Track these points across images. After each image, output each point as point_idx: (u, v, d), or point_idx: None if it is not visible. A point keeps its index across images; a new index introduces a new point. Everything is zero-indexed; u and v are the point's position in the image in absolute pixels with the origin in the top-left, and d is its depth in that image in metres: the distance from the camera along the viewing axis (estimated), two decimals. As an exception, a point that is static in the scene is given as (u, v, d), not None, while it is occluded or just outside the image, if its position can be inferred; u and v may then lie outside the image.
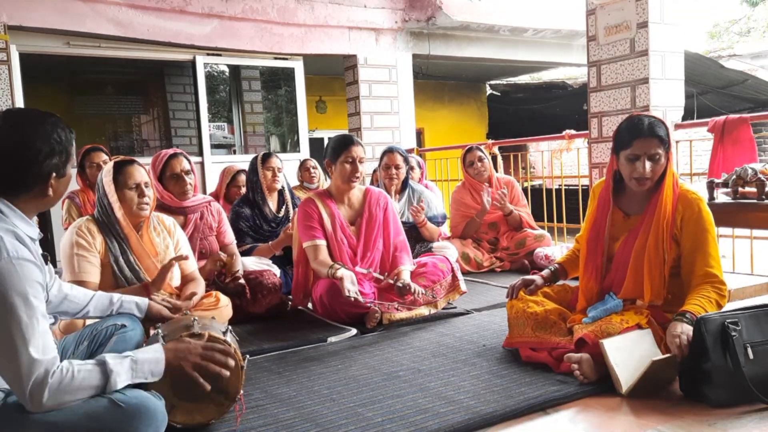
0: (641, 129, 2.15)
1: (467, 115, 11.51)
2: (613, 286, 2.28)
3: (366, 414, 1.87)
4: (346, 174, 3.03)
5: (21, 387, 1.42)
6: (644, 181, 2.17)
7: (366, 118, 6.67)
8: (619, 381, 1.94)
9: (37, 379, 1.42)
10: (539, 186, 8.53)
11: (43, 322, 1.47)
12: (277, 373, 2.31)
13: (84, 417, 1.47)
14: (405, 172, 3.92)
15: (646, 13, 4.01)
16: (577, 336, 2.12)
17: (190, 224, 3.14)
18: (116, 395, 1.51)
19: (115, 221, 2.45)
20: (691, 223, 2.16)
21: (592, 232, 2.35)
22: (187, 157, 3.15)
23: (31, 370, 1.41)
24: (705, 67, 8.07)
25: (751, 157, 3.58)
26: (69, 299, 1.93)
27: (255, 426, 1.82)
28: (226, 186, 4.30)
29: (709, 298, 2.06)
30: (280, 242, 3.58)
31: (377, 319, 2.88)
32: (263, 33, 6.00)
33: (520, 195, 4.51)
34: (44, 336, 1.46)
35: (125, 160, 2.52)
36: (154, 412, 1.54)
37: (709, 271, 2.12)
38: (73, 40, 5.26)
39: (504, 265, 4.29)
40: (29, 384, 1.41)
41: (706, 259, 2.13)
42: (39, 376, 1.42)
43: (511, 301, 2.44)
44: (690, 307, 2.03)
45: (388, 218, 3.16)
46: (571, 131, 4.94)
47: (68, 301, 1.93)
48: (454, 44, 7.18)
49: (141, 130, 8.71)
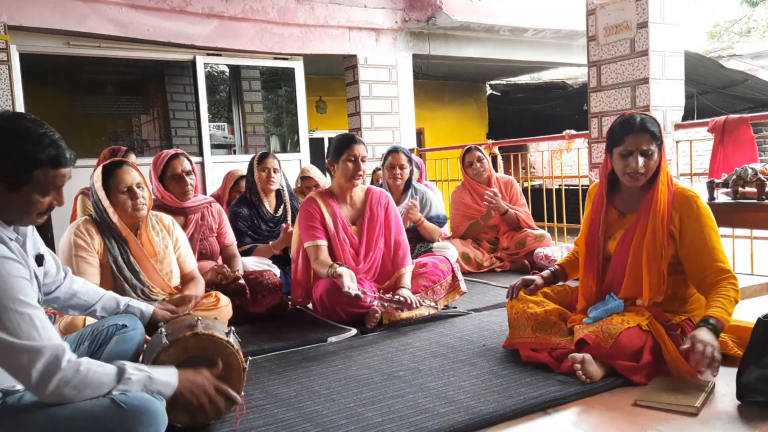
0: (633, 125, 2.17)
1: (467, 115, 11.51)
2: (613, 286, 2.28)
3: (366, 414, 1.87)
4: (348, 172, 3.03)
5: (27, 376, 1.43)
6: (637, 177, 2.18)
7: (366, 118, 6.67)
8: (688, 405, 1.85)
9: (45, 365, 1.42)
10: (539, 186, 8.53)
11: (36, 312, 1.46)
12: (277, 373, 2.31)
13: (85, 417, 1.48)
14: (409, 172, 3.93)
15: (646, 13, 4.01)
16: (578, 336, 2.12)
17: (190, 225, 3.14)
18: (118, 396, 1.51)
19: (112, 225, 2.45)
20: (692, 221, 2.15)
21: (589, 232, 2.36)
22: (188, 157, 3.15)
23: (34, 358, 1.42)
24: (705, 67, 8.07)
25: (751, 157, 3.58)
26: (78, 296, 1.97)
27: (255, 426, 1.82)
28: (229, 190, 4.29)
29: (728, 298, 2.04)
30: (280, 242, 3.58)
31: (377, 319, 2.88)
32: (263, 33, 6.00)
33: (519, 194, 4.51)
34: (42, 323, 1.46)
35: (114, 163, 2.50)
36: (155, 414, 1.54)
37: (722, 266, 2.11)
38: (73, 40, 5.26)
39: (504, 265, 4.29)
40: (35, 371, 1.42)
41: (715, 254, 2.12)
42: (47, 362, 1.43)
43: (511, 301, 2.45)
44: (713, 311, 2.00)
45: (389, 218, 3.16)
46: (571, 131, 4.94)
47: (77, 297, 1.96)
48: (454, 44, 7.18)
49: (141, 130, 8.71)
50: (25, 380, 1.44)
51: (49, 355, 1.44)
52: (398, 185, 3.92)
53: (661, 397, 1.89)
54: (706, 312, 2.03)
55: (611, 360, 2.06)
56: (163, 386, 1.60)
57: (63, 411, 1.47)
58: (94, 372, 1.49)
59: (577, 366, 2.06)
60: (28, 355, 1.42)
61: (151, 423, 1.52)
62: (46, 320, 1.48)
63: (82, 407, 1.48)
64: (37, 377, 1.42)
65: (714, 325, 1.96)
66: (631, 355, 2.05)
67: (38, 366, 1.42)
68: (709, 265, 2.12)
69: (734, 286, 2.08)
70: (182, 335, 1.79)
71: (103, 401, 1.50)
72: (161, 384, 1.60)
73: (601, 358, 2.07)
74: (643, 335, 2.06)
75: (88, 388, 1.48)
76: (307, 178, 4.84)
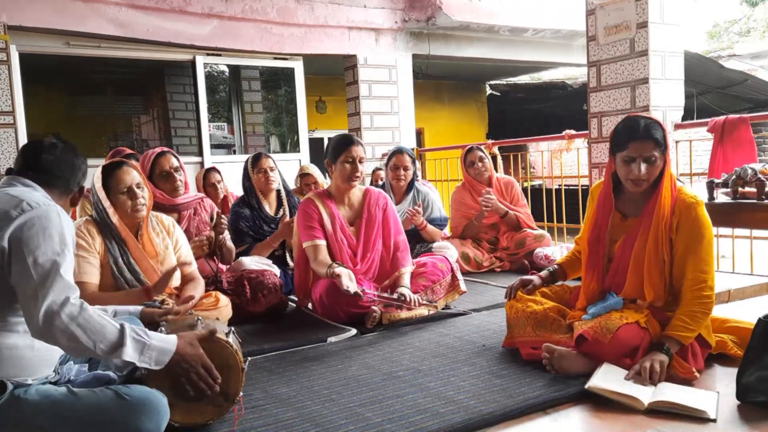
0: (637, 131, 2.14)
1: (467, 115, 11.51)
2: (613, 287, 2.28)
3: (366, 414, 1.87)
4: (346, 174, 3.02)
5: (38, 303, 1.49)
6: (640, 183, 2.16)
7: (366, 118, 6.67)
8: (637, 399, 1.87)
9: (58, 301, 1.50)
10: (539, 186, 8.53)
11: (72, 260, 1.61)
12: (277, 374, 2.31)
13: (89, 407, 1.54)
14: (412, 173, 3.94)
15: (646, 13, 4.01)
16: (577, 333, 2.13)
17: (183, 221, 3.15)
18: (121, 388, 1.58)
19: (112, 226, 2.45)
20: (687, 227, 2.14)
21: (593, 233, 2.34)
22: (174, 154, 3.16)
23: (57, 289, 1.51)
24: (705, 68, 8.08)
25: (751, 157, 3.58)
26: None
27: (255, 426, 1.82)
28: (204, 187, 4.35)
29: (693, 314, 2.08)
30: (278, 235, 3.57)
31: (377, 319, 2.88)
32: (263, 33, 6.00)
33: (519, 195, 4.50)
34: (71, 270, 1.60)
35: (114, 163, 2.51)
36: (157, 406, 1.58)
37: (699, 276, 2.11)
38: (73, 40, 5.26)
39: (504, 265, 4.29)
40: (48, 301, 1.49)
41: (698, 264, 2.12)
42: (62, 299, 1.51)
43: (510, 301, 2.45)
44: (671, 332, 2.07)
45: (387, 218, 3.16)
46: (571, 131, 4.94)
47: None
48: (454, 44, 7.18)
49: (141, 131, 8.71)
50: (34, 305, 1.50)
51: (68, 296, 1.53)
52: (401, 186, 3.93)
53: (614, 386, 1.91)
54: (666, 331, 2.09)
55: (607, 356, 2.05)
56: (161, 352, 1.63)
57: (68, 402, 1.53)
58: (99, 316, 1.55)
59: (545, 355, 2.10)
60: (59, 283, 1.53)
61: (153, 415, 1.57)
62: (72, 272, 1.61)
63: (86, 398, 1.55)
64: (48, 307, 1.49)
65: (667, 350, 2.04)
66: (628, 352, 2.05)
67: (57, 297, 1.51)
68: (688, 274, 2.13)
69: (706, 298, 2.10)
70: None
71: (107, 392, 1.56)
72: (159, 350, 1.62)
73: (595, 355, 2.07)
74: (641, 332, 2.07)
75: (93, 333, 1.52)
76: (306, 175, 4.85)
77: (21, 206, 1.58)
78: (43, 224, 1.57)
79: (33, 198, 1.63)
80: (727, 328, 2.32)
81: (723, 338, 2.25)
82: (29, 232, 1.55)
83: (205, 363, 1.70)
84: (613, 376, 1.98)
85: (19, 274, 1.52)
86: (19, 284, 1.53)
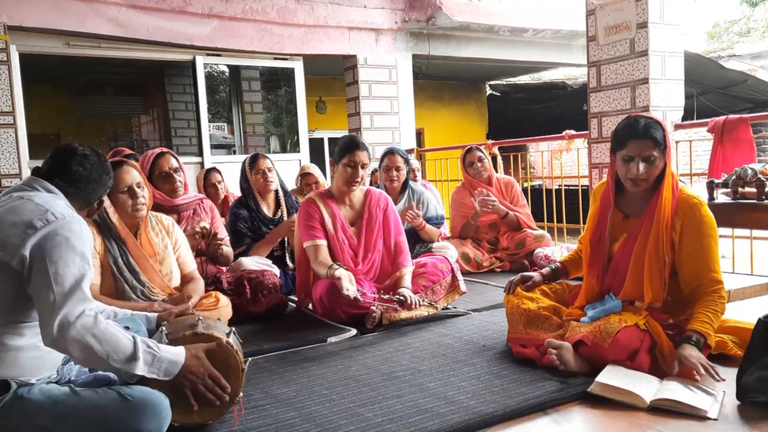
0: (636, 130, 2.14)
1: (467, 116, 11.51)
2: (613, 287, 2.28)
3: (366, 414, 1.87)
4: (345, 177, 3.03)
5: (54, 313, 1.51)
6: (639, 182, 2.16)
7: (366, 118, 6.67)
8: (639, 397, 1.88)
9: (74, 312, 1.52)
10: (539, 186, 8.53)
11: (92, 272, 1.63)
12: (277, 374, 2.31)
13: (91, 407, 1.55)
14: (405, 173, 3.93)
15: (645, 13, 4.01)
16: (575, 337, 2.12)
17: (183, 221, 3.15)
18: (123, 389, 1.59)
19: (112, 225, 2.45)
20: (693, 228, 2.14)
21: (594, 233, 2.34)
22: (174, 155, 3.15)
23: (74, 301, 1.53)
24: (705, 68, 8.08)
25: (750, 157, 3.58)
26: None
27: (255, 426, 1.82)
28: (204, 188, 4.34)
29: (715, 313, 2.07)
30: (276, 233, 3.57)
31: (377, 319, 2.88)
32: (263, 33, 6.00)
33: (519, 195, 4.51)
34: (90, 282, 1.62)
35: (114, 162, 2.49)
36: (160, 407, 1.59)
37: (715, 277, 2.12)
38: (73, 41, 5.26)
39: (504, 265, 4.29)
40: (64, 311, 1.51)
41: (711, 264, 2.13)
42: (79, 310, 1.53)
43: (508, 296, 2.45)
44: (698, 326, 2.04)
45: (388, 219, 3.16)
46: (571, 131, 4.94)
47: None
48: (453, 44, 7.18)
49: (141, 131, 8.72)
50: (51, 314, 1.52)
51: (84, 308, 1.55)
52: (395, 187, 3.91)
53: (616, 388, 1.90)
54: (691, 325, 2.06)
55: (607, 360, 2.05)
56: (170, 364, 1.65)
57: (70, 402, 1.54)
58: (114, 328, 1.58)
59: (552, 351, 2.09)
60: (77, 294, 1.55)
61: (155, 416, 1.58)
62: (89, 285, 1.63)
63: (89, 398, 1.56)
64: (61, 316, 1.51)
65: (696, 341, 2.00)
66: (629, 355, 2.05)
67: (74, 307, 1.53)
68: (703, 275, 2.13)
69: (723, 299, 2.10)
70: (182, 335, 1.80)
71: (110, 393, 1.57)
72: (168, 362, 1.64)
73: (595, 359, 2.07)
74: (640, 334, 2.06)
75: (107, 344, 1.54)
76: (307, 175, 4.85)
77: (46, 216, 1.59)
78: (66, 236, 1.58)
79: (57, 208, 1.64)
80: (727, 328, 2.31)
81: (723, 338, 2.24)
82: (52, 242, 1.56)
83: (213, 374, 1.72)
84: (618, 375, 1.97)
85: (39, 283, 1.54)
86: (38, 294, 1.54)
